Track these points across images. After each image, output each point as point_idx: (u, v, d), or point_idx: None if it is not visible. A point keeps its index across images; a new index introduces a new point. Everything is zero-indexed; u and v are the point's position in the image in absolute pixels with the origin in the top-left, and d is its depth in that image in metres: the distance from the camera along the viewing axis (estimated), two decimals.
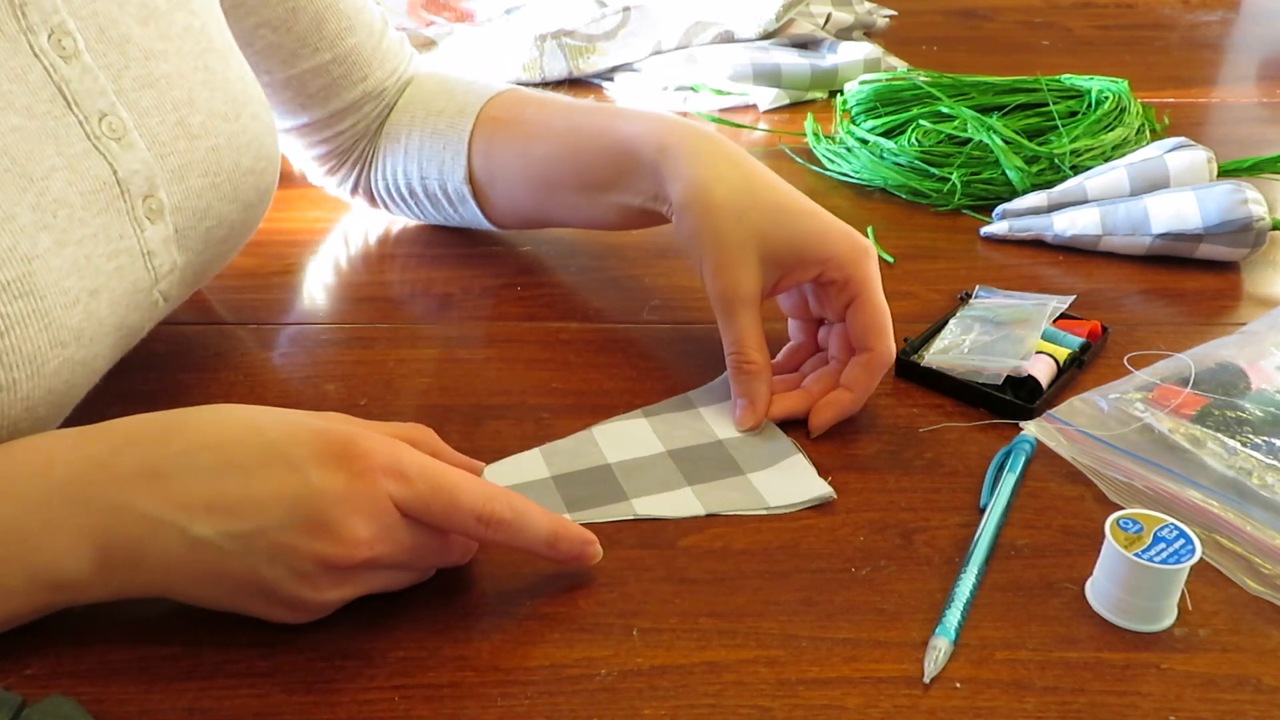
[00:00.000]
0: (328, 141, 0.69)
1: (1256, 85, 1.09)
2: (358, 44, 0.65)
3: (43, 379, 0.42)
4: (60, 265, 0.43)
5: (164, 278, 0.50)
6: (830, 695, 0.39)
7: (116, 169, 0.46)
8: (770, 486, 0.49)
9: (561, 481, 0.49)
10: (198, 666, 0.40)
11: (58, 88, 0.44)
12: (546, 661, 0.40)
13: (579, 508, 0.48)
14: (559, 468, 0.50)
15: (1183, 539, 0.41)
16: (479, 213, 0.67)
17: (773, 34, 1.05)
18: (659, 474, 0.50)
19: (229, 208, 0.54)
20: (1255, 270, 0.69)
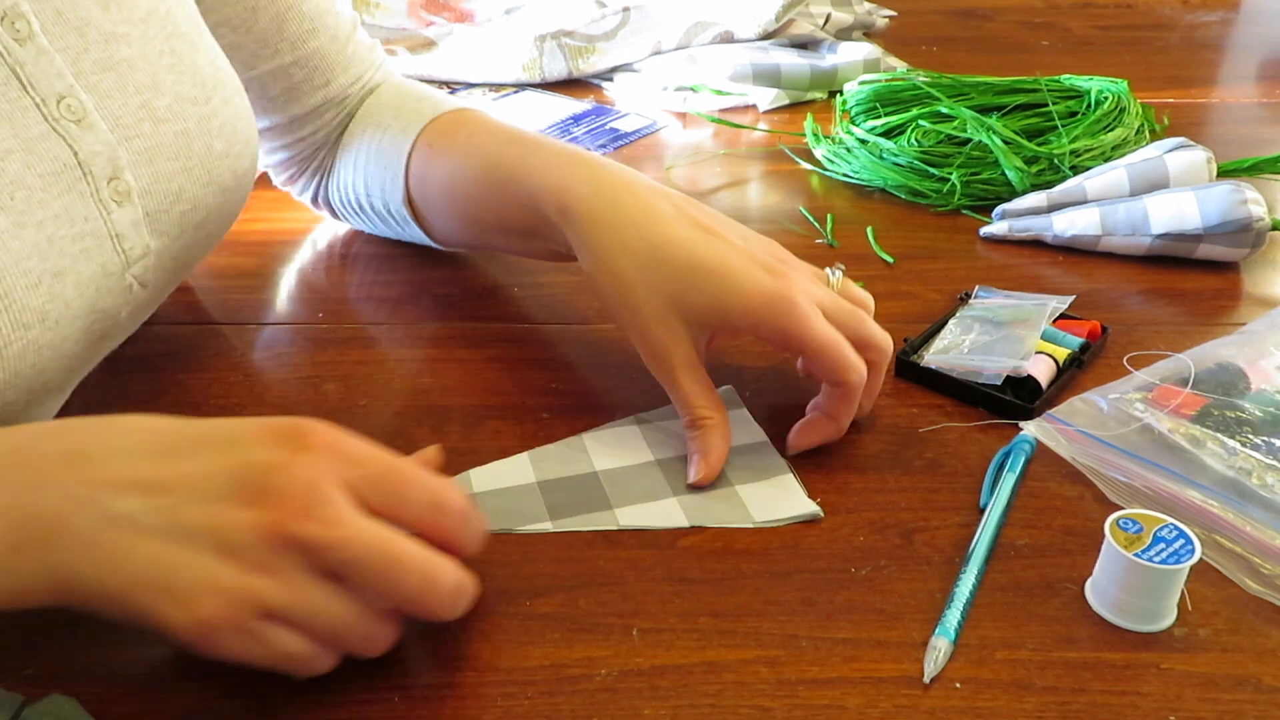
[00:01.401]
0: (289, 148, 0.68)
1: (1256, 85, 1.09)
2: (320, 47, 0.64)
3: (7, 361, 0.42)
4: (19, 247, 0.43)
5: (136, 261, 0.49)
6: (830, 695, 0.39)
7: (77, 150, 0.46)
8: (757, 501, 0.48)
9: (547, 487, 0.49)
10: (198, 666, 0.40)
11: (12, 70, 0.44)
12: (546, 661, 0.40)
13: (562, 515, 0.47)
14: (545, 473, 0.50)
15: (1182, 539, 0.41)
16: (422, 234, 0.66)
17: (772, 34, 1.06)
18: (645, 483, 0.49)
19: (203, 192, 0.53)
20: (1255, 270, 0.69)
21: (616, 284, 0.51)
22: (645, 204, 0.51)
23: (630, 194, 0.52)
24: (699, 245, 0.50)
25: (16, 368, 0.43)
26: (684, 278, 0.49)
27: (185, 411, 0.54)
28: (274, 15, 0.62)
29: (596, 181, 0.53)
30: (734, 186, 0.84)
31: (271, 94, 0.64)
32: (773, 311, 0.48)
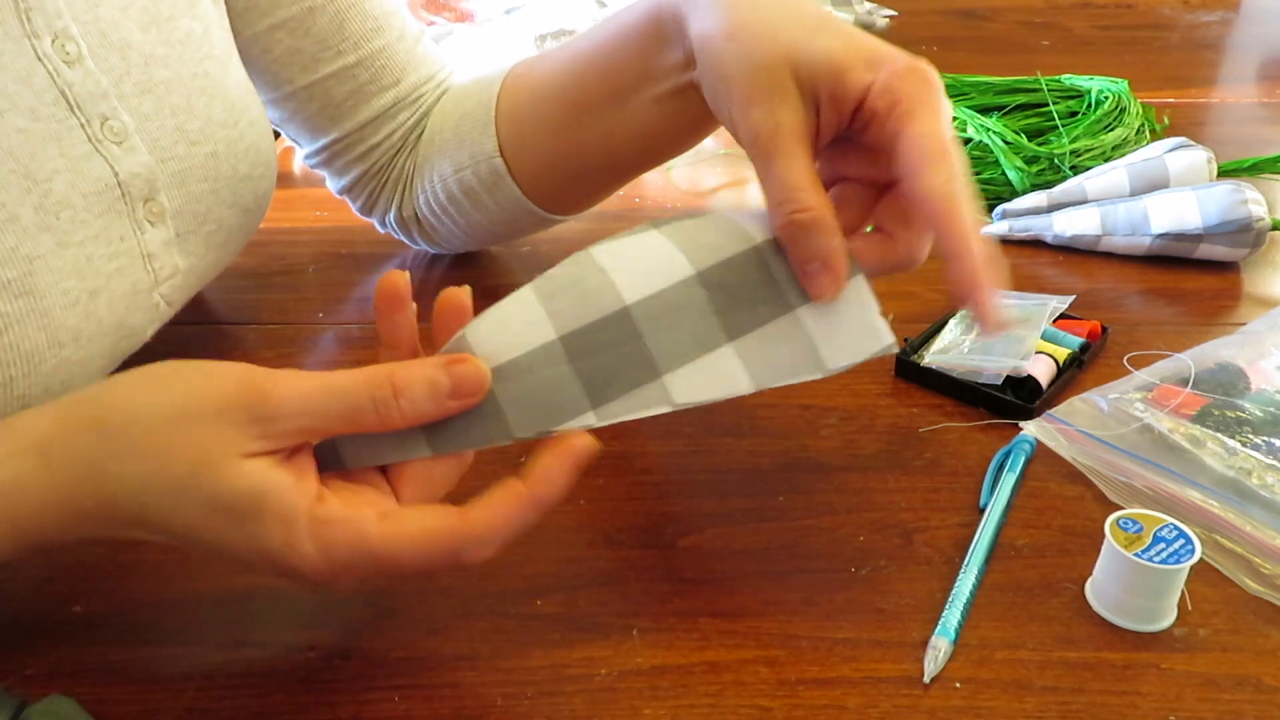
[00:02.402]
0: (363, 159, 0.63)
1: (1256, 85, 1.09)
2: (386, 46, 0.61)
3: (40, 377, 0.42)
4: (61, 266, 0.43)
5: (165, 280, 0.50)
6: (830, 695, 0.39)
7: (118, 171, 0.46)
8: (824, 331, 0.40)
9: (575, 348, 0.39)
10: (198, 666, 0.40)
11: (60, 91, 0.44)
12: (546, 661, 0.40)
13: (604, 396, 0.38)
14: (565, 321, 0.39)
15: (1182, 539, 0.41)
16: (516, 190, 0.59)
17: None
18: (691, 322, 0.39)
19: (228, 213, 0.54)
20: (1255, 270, 0.69)
21: (731, 33, 0.43)
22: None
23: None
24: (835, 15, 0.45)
25: (48, 383, 0.43)
26: (810, 25, 0.43)
27: None
28: (333, 15, 0.59)
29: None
30: (734, 186, 0.84)
31: (337, 99, 0.61)
32: (910, 72, 0.41)
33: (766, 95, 0.42)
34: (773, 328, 0.40)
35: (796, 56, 0.42)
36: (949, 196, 0.39)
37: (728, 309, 0.40)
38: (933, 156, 0.39)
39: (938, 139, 0.40)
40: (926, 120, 0.40)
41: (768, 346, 0.40)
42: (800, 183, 0.41)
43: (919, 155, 0.40)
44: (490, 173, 0.59)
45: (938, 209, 0.39)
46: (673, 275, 0.40)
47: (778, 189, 0.41)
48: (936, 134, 0.40)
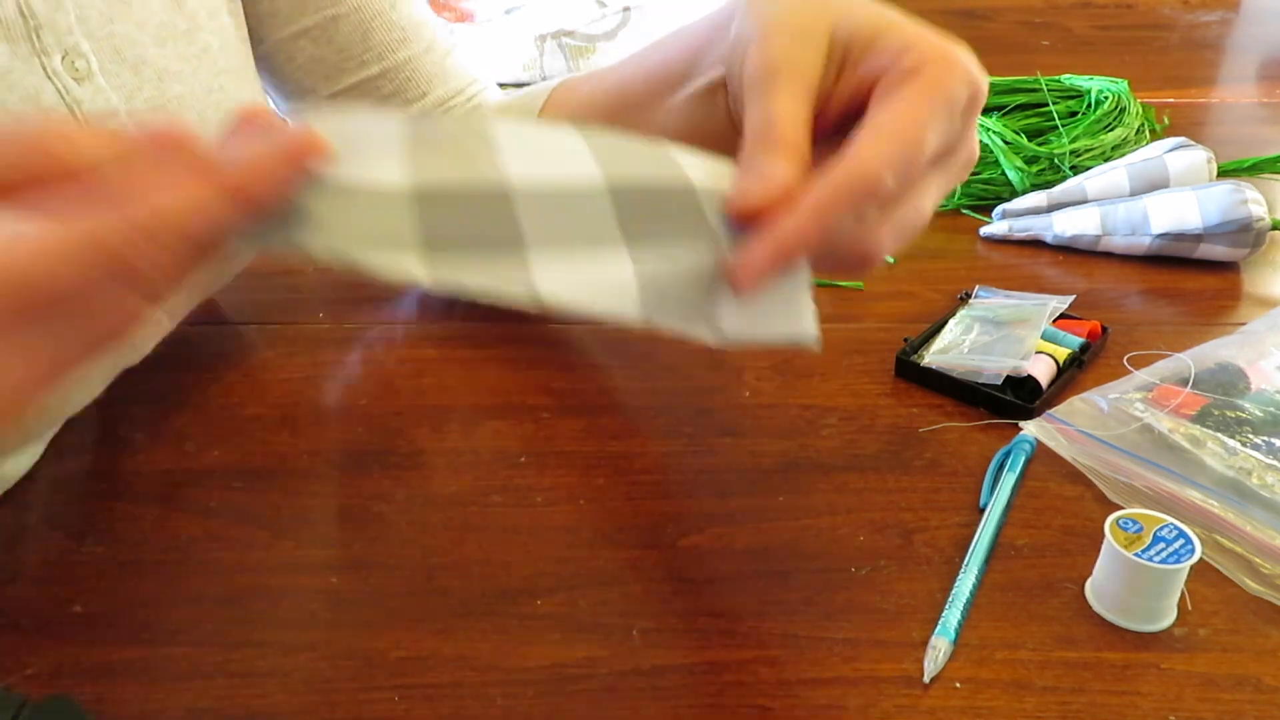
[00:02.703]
0: None
1: (1256, 85, 1.09)
2: (412, 57, 0.59)
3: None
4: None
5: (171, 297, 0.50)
6: (830, 695, 0.39)
7: None
8: (739, 305, 0.34)
9: (428, 203, 0.30)
10: (198, 666, 0.40)
11: (70, 109, 0.44)
12: (546, 661, 0.40)
13: (442, 248, 0.30)
14: (428, 173, 0.31)
15: (1182, 539, 0.41)
16: None
17: None
18: (584, 218, 0.32)
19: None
20: (1255, 270, 0.69)
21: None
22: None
23: None
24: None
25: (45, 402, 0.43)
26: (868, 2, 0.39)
27: (187, 411, 0.54)
28: (357, 24, 0.57)
29: None
30: None
31: None
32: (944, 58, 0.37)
33: (785, 38, 0.38)
34: (681, 253, 0.33)
35: (839, 10, 0.38)
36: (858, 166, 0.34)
37: (632, 226, 0.33)
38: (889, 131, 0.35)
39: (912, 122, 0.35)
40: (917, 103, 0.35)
41: (668, 276, 0.32)
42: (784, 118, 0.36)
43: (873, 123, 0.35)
44: None
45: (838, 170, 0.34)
46: (579, 176, 0.33)
47: (759, 120, 0.36)
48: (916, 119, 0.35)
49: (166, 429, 0.53)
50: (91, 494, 0.49)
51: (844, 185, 0.34)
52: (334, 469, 0.51)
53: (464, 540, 0.46)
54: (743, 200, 0.34)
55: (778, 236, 0.33)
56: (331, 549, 0.46)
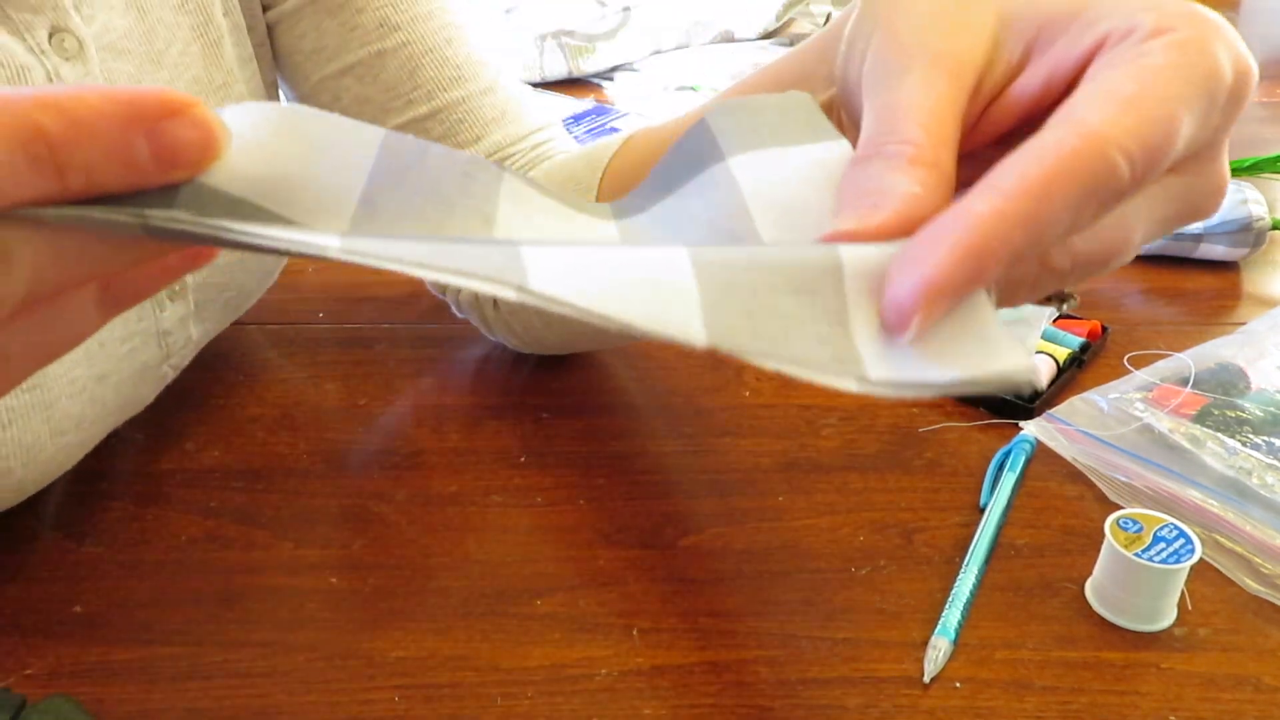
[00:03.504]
0: None
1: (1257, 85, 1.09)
2: (466, 98, 0.53)
3: (37, 465, 0.42)
4: (71, 356, 0.42)
5: (176, 352, 0.49)
6: (830, 695, 0.39)
7: None
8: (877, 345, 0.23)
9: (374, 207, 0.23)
10: (198, 666, 0.40)
11: None
12: (546, 661, 0.40)
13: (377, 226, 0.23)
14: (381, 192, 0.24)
15: (1182, 539, 0.41)
16: None
17: (772, 34, 1.06)
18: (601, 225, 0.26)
19: (247, 277, 0.53)
20: (1255, 270, 0.69)
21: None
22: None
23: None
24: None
25: (46, 469, 0.43)
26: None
27: (185, 411, 0.54)
28: (405, 60, 0.52)
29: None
30: None
31: None
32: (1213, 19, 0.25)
33: (935, 13, 0.27)
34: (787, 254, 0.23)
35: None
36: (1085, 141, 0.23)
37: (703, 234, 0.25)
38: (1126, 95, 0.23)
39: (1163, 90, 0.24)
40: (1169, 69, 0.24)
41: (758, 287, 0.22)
42: (916, 116, 0.25)
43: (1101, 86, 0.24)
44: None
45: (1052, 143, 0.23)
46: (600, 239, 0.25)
47: (881, 117, 0.26)
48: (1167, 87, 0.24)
49: (166, 429, 0.53)
50: (91, 494, 0.49)
51: (1063, 167, 0.23)
52: (334, 469, 0.51)
53: (464, 540, 0.46)
54: (861, 226, 0.24)
55: (954, 255, 0.22)
56: (331, 549, 0.46)
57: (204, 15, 0.48)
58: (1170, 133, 0.23)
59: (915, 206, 0.24)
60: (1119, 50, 0.25)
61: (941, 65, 0.26)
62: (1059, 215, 0.23)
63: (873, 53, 0.28)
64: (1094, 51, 0.26)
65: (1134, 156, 0.23)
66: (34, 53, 0.41)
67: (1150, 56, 0.24)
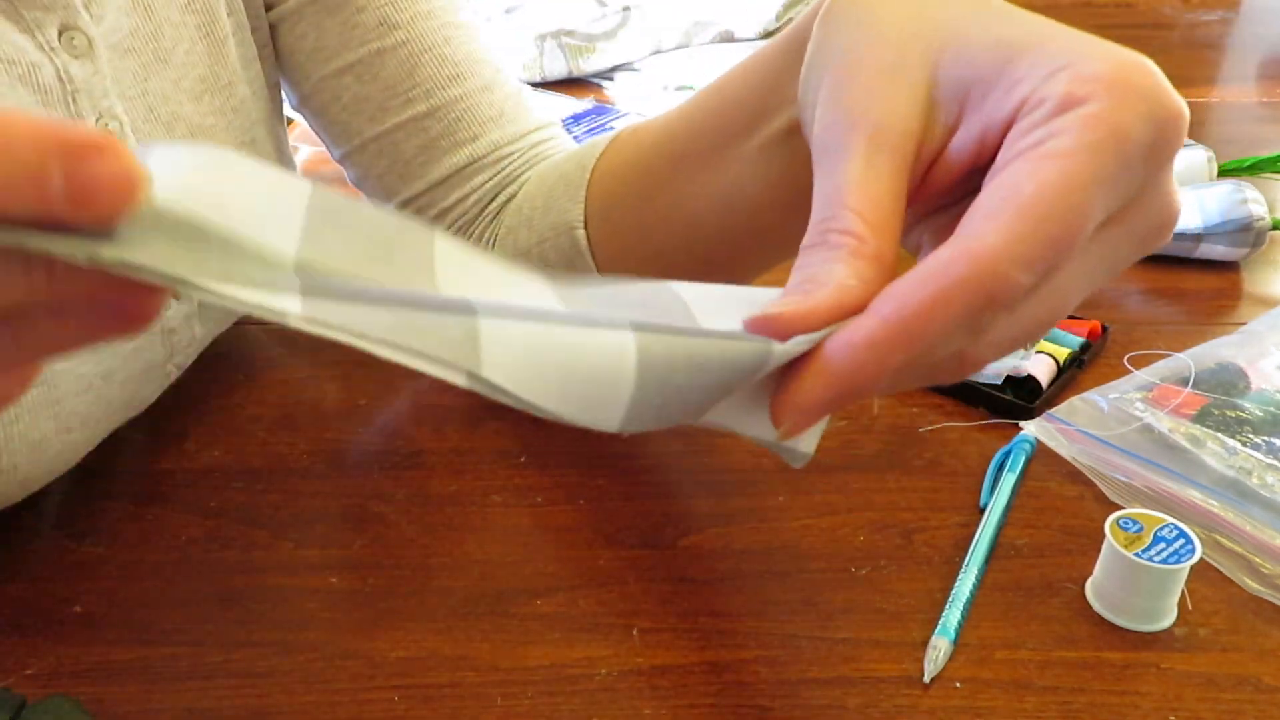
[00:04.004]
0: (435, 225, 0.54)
1: (1256, 85, 1.09)
2: (464, 95, 0.53)
3: (43, 461, 0.42)
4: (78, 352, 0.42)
5: (180, 351, 0.50)
6: (830, 695, 0.39)
7: None
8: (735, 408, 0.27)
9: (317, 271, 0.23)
10: (198, 666, 0.40)
11: None
12: (546, 661, 0.40)
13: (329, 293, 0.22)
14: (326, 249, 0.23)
15: (1182, 539, 0.41)
16: (594, 270, 0.49)
17: (773, 33, 1.06)
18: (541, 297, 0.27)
19: None
20: (1255, 270, 0.69)
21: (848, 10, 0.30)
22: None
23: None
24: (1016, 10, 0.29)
25: (52, 466, 0.43)
26: (963, 10, 0.29)
27: (187, 411, 0.54)
28: (404, 59, 0.52)
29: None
30: None
31: (407, 154, 0.53)
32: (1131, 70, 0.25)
33: (878, 70, 0.28)
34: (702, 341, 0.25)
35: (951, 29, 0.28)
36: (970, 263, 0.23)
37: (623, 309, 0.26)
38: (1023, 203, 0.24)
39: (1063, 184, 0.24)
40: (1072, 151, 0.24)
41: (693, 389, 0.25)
42: (856, 198, 0.27)
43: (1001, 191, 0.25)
44: (570, 246, 0.49)
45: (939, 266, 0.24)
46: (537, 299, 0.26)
47: (832, 192, 0.27)
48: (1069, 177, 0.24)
49: (166, 429, 0.53)
50: (91, 494, 0.49)
51: (945, 293, 0.23)
52: (334, 469, 0.51)
53: (464, 540, 0.46)
54: (765, 319, 0.25)
55: (839, 372, 0.24)
56: (331, 549, 0.46)
57: (210, 15, 0.49)
58: (1075, 224, 0.24)
59: (850, 296, 0.26)
60: (1028, 126, 0.25)
61: (882, 140, 0.27)
62: (943, 333, 0.24)
63: (820, 114, 0.29)
64: (1014, 116, 0.26)
65: (1032, 262, 0.24)
66: (44, 50, 0.41)
67: (1057, 138, 0.25)
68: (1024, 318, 0.26)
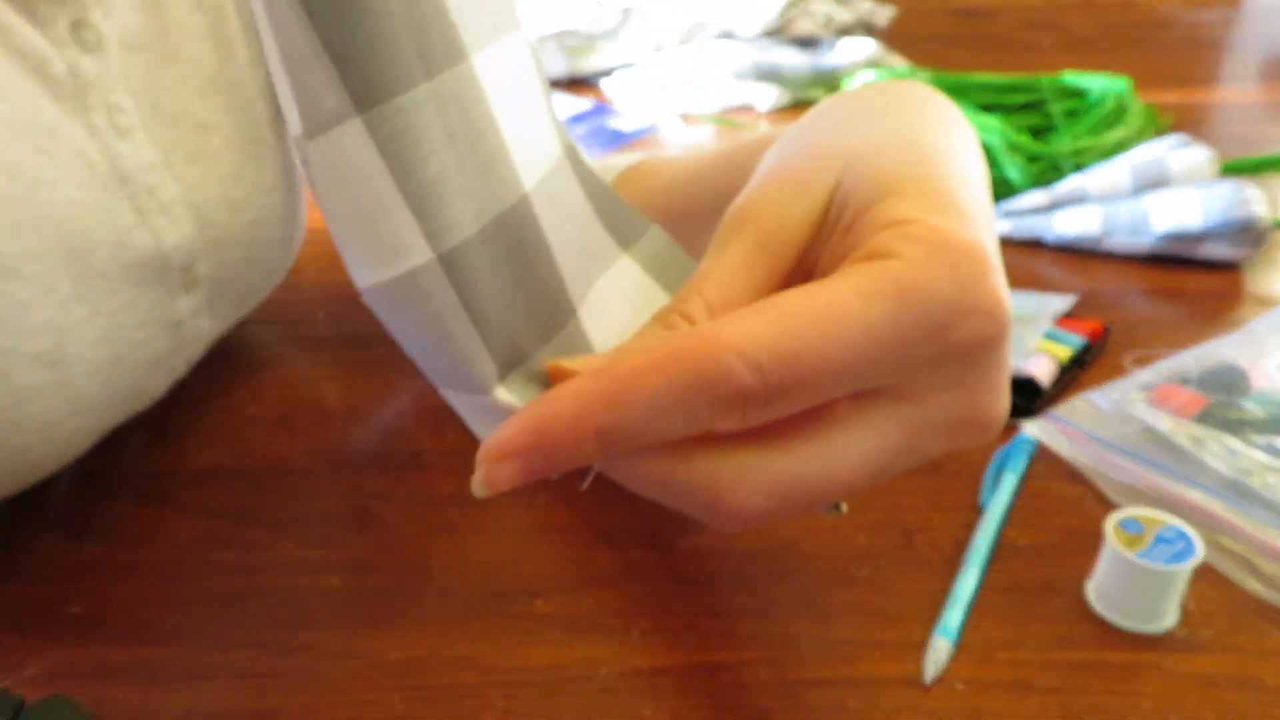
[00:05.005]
0: None
1: (1258, 84, 1.09)
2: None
3: (54, 444, 0.42)
4: (91, 336, 0.42)
5: (189, 345, 0.50)
6: (831, 696, 0.39)
7: (162, 243, 0.46)
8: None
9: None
10: (198, 666, 0.40)
11: (112, 163, 0.44)
12: (546, 662, 0.40)
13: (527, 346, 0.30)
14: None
15: (1184, 540, 0.41)
16: None
17: (774, 33, 1.05)
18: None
19: (258, 274, 0.54)
20: (1257, 270, 0.69)
21: (796, 125, 0.33)
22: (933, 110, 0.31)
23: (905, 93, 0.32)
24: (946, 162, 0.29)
25: (63, 450, 0.43)
26: (892, 139, 0.29)
27: (185, 411, 0.54)
28: None
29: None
30: None
31: None
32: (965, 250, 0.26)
33: (786, 180, 0.29)
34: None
35: (857, 159, 0.29)
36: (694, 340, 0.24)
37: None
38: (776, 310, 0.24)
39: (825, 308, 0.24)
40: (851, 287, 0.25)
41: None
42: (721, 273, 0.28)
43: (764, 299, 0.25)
44: None
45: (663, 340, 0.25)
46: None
47: (689, 283, 0.29)
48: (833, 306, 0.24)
49: (166, 429, 0.53)
50: (91, 494, 0.49)
51: (660, 363, 0.24)
52: (334, 469, 0.51)
53: (464, 540, 0.46)
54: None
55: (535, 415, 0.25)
56: (331, 549, 0.46)
57: (219, 14, 0.49)
58: (824, 351, 0.23)
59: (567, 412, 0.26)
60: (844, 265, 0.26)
61: (765, 243, 0.28)
62: (651, 407, 0.24)
63: (724, 214, 0.30)
64: (853, 248, 0.27)
65: (761, 363, 0.23)
66: (54, 44, 0.41)
67: (842, 277, 0.25)
68: (790, 465, 0.25)
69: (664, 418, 0.24)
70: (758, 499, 0.25)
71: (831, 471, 0.26)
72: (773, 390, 0.23)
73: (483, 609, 0.42)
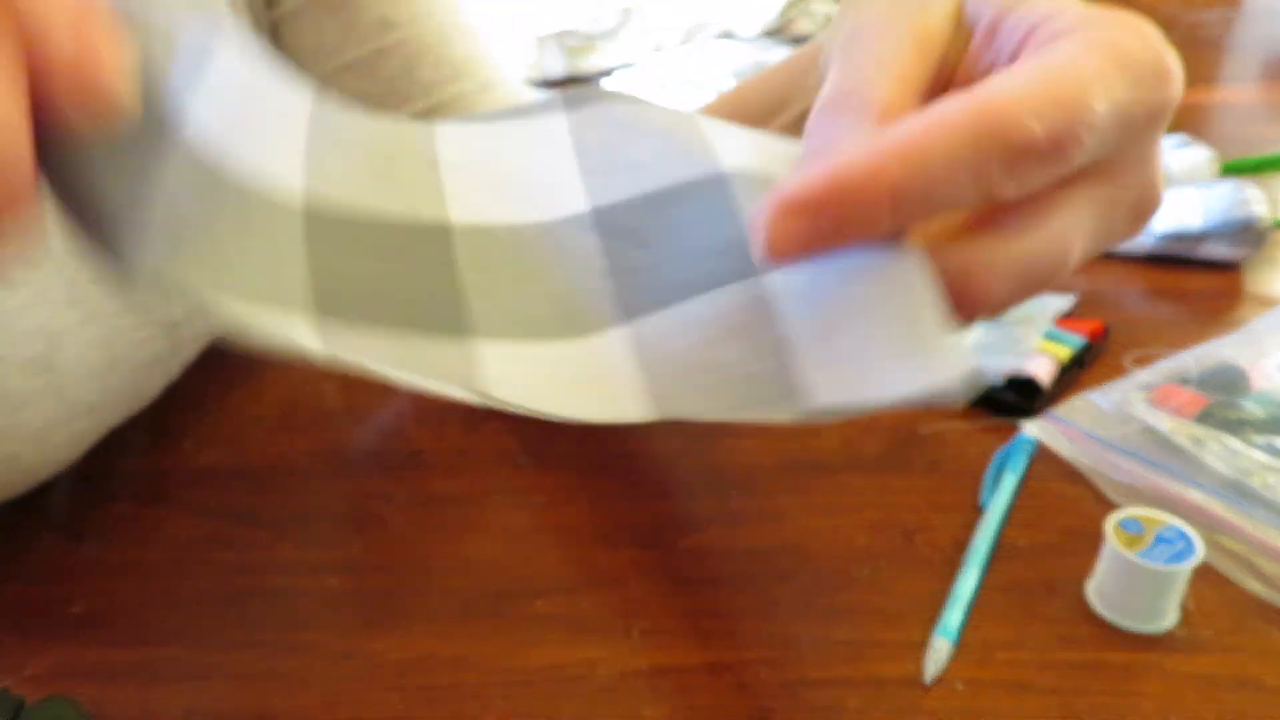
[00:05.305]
0: None
1: (1258, 84, 1.09)
2: (462, 94, 0.54)
3: (47, 450, 0.42)
4: (86, 340, 0.42)
5: (186, 347, 0.49)
6: (831, 696, 0.39)
7: None
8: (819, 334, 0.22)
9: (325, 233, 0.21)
10: (198, 667, 0.40)
11: None
12: (546, 661, 0.40)
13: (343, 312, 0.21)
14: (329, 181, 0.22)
15: (1184, 540, 0.41)
16: None
17: (775, 32, 1.05)
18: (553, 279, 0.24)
19: None
20: (1257, 270, 0.69)
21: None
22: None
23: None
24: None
25: (56, 456, 0.43)
26: None
27: (185, 411, 0.54)
28: (402, 59, 0.53)
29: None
30: None
31: None
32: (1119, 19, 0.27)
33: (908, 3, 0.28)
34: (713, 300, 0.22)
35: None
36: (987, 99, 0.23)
37: (632, 271, 0.23)
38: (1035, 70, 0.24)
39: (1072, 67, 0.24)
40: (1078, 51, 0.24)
41: (693, 341, 0.22)
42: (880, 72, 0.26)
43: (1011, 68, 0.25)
44: None
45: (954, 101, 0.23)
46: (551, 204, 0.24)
47: (855, 68, 0.26)
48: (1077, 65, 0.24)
49: (166, 429, 0.53)
50: (91, 494, 0.49)
51: (954, 123, 0.23)
52: (334, 469, 0.51)
53: (464, 540, 0.46)
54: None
55: (838, 173, 0.22)
56: (331, 549, 0.46)
57: None
58: (1081, 100, 0.23)
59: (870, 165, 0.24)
60: (1033, 45, 0.26)
61: (911, 36, 0.27)
62: (950, 168, 0.23)
63: (844, 32, 0.28)
64: (1020, 49, 0.27)
65: (1043, 115, 0.23)
66: None
67: (1061, 46, 0.25)
68: (1029, 247, 0.26)
69: (958, 177, 0.23)
70: (1006, 283, 0.26)
71: (1062, 253, 0.26)
72: (1053, 143, 0.23)
73: (483, 609, 0.42)
